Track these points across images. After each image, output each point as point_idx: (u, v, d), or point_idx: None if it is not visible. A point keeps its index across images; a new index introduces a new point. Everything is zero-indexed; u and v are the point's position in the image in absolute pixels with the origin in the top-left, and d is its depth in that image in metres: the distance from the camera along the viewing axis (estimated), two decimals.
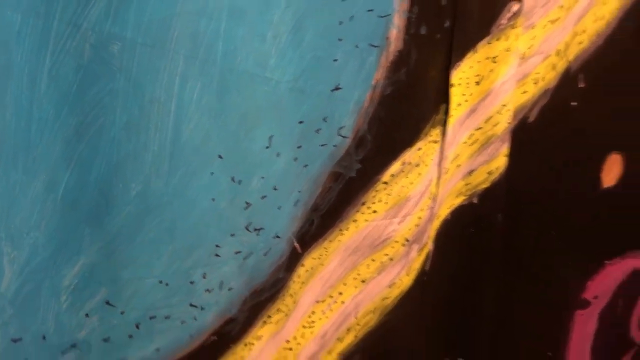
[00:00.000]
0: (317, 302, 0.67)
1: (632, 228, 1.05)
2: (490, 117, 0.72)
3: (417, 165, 0.68)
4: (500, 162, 0.75)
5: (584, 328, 1.07)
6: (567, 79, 0.82)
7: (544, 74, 0.78)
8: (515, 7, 0.67)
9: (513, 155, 0.78)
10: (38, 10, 0.37)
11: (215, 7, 0.45)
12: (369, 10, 0.57)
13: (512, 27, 0.68)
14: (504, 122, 0.72)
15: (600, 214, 0.98)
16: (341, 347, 0.71)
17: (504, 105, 0.71)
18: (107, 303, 0.48)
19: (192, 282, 0.51)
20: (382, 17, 0.58)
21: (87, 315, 0.48)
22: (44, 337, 0.46)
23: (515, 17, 0.67)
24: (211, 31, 0.46)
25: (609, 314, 1.09)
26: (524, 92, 0.78)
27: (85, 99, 0.41)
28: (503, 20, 0.67)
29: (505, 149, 0.74)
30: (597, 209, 0.97)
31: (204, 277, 0.52)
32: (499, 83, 0.70)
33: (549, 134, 0.83)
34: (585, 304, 1.05)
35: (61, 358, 0.47)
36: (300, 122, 0.57)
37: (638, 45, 0.85)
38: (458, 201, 0.75)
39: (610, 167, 0.95)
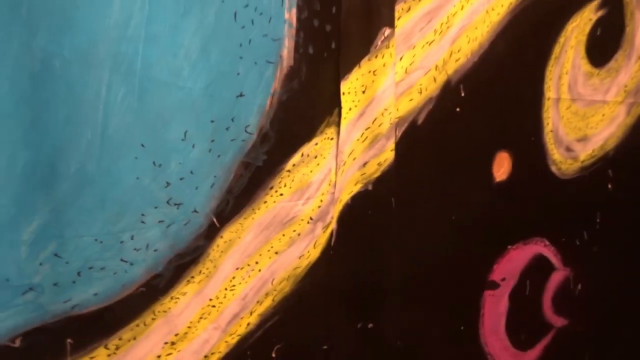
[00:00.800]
0: (237, 269, 0.82)
1: (531, 217, 1.22)
2: (376, 119, 0.89)
3: (315, 157, 0.85)
4: (387, 155, 0.92)
5: (495, 307, 1.23)
6: (449, 88, 1.00)
7: (427, 85, 0.97)
8: (387, 31, 0.85)
9: (402, 151, 0.96)
10: (1, 36, 0.55)
11: (133, 34, 0.63)
12: (264, 35, 0.75)
13: (386, 47, 0.86)
14: (387, 122, 0.90)
15: (497, 204, 1.15)
16: (261, 309, 0.87)
17: (385, 109, 0.89)
18: (56, 255, 0.63)
19: (122, 242, 0.67)
20: (275, 40, 0.76)
21: (40, 264, 0.63)
22: (7, 280, 0.62)
23: (387, 39, 0.86)
24: (131, 51, 0.63)
25: (519, 295, 1.24)
26: (411, 99, 0.96)
27: (37, 98, 0.58)
28: (378, 42, 0.86)
29: (391, 144, 0.92)
30: (494, 199, 1.14)
31: (132, 239, 0.68)
32: (380, 91, 0.88)
33: (438, 135, 1.01)
34: (494, 285, 1.21)
35: (21, 297, 0.63)
36: (212, 121, 0.74)
37: (508, 61, 1.04)
38: (356, 188, 0.92)
39: (500, 163, 1.13)
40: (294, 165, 0.83)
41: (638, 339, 1.50)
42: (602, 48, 1.21)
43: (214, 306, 0.81)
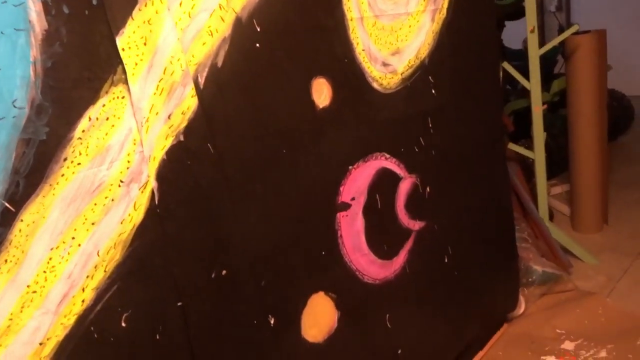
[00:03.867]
0: (52, 249, 0.80)
1: (364, 135, 1.28)
2: (166, 68, 0.88)
3: (107, 119, 0.83)
4: (189, 102, 0.91)
5: (352, 226, 1.29)
6: (242, 26, 1.00)
7: (216, 26, 0.96)
8: None
9: (210, 96, 0.96)
10: None
11: None
12: (2, 2, 0.71)
13: None
14: (178, 70, 0.89)
15: (326, 130, 1.19)
16: (94, 283, 0.85)
17: (173, 57, 0.88)
18: None
19: None
20: (16, 5, 0.72)
21: None
22: None
23: None
24: None
25: (372, 210, 1.31)
26: (204, 43, 0.95)
27: None
28: None
29: (189, 90, 0.91)
30: (321, 126, 1.18)
31: None
32: (161, 40, 0.87)
33: (243, 73, 1.01)
34: (345, 206, 1.26)
35: None
36: None
37: None
38: (168, 142, 0.91)
39: (319, 90, 1.16)
40: (83, 131, 0.80)
41: (487, 225, 1.65)
42: None
43: (34, 292, 0.78)
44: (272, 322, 1.08)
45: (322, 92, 1.16)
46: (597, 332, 1.81)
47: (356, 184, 1.27)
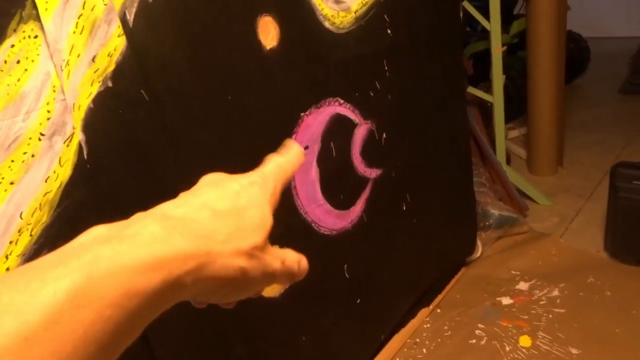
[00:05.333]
0: None
1: (316, 79, 1.20)
2: (85, 3, 0.77)
3: (18, 62, 0.72)
4: (116, 42, 0.81)
5: (306, 176, 1.23)
6: None
7: None
8: None
9: (140, 35, 0.85)
10: None
11: None
12: None
13: None
14: (100, 4, 0.78)
15: (275, 73, 1.10)
16: (19, 249, 0.77)
17: None
18: None
19: None
20: None
21: None
22: None
23: None
24: None
25: (327, 159, 1.25)
26: None
27: None
28: None
29: (115, 29, 0.81)
30: (269, 69, 1.09)
31: None
32: None
33: (178, 9, 0.91)
34: None
35: None
36: None
37: None
38: (95, 88, 0.81)
39: (265, 29, 1.06)
40: None
41: (445, 170, 1.62)
42: None
43: None
44: None
45: (269, 32, 1.07)
46: (550, 271, 1.86)
47: (309, 131, 1.20)
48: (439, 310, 1.74)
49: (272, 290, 1.18)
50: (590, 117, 3.23)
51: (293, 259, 0.39)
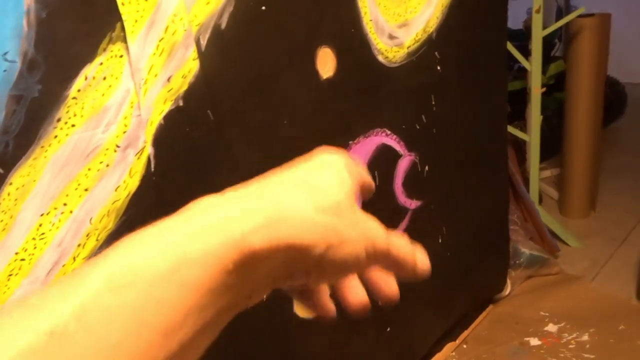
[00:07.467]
0: (42, 215, 0.75)
1: (366, 109, 1.24)
2: (168, 27, 0.82)
3: (104, 78, 0.78)
4: (191, 65, 0.86)
5: None
6: None
7: None
8: None
9: (210, 59, 0.90)
10: None
11: None
12: None
13: None
14: (180, 29, 0.84)
15: (329, 101, 1.14)
16: (85, 252, 0.81)
17: (175, 15, 0.83)
18: None
19: None
20: None
21: None
22: None
23: None
24: None
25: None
26: (207, 3, 0.90)
27: None
28: None
29: (191, 53, 0.86)
30: (325, 97, 1.13)
31: None
32: None
33: (247, 37, 0.96)
34: None
35: None
36: None
37: None
38: (167, 106, 0.86)
39: (323, 60, 1.11)
40: (79, 90, 0.75)
41: (482, 206, 1.64)
42: None
43: (23, 259, 0.74)
44: None
45: (326, 62, 1.11)
46: (580, 315, 1.84)
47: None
48: (465, 346, 1.73)
49: (306, 314, 1.20)
50: (625, 162, 3.20)
51: (403, 244, 0.34)
